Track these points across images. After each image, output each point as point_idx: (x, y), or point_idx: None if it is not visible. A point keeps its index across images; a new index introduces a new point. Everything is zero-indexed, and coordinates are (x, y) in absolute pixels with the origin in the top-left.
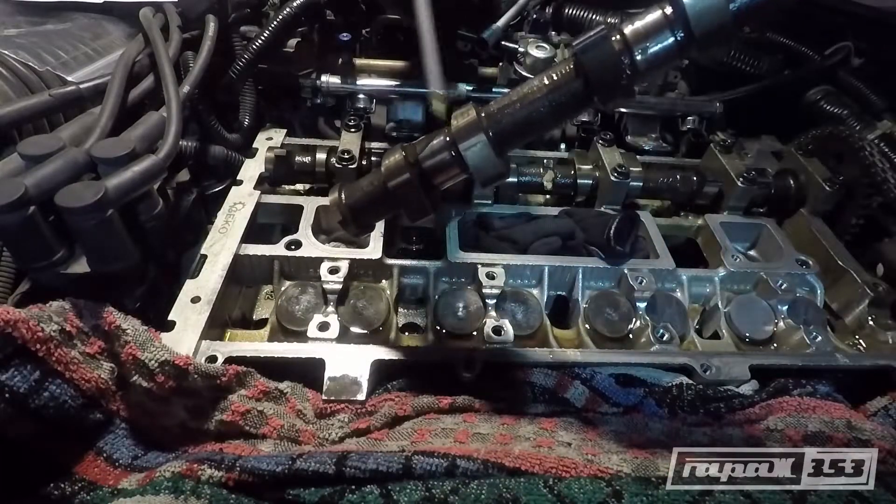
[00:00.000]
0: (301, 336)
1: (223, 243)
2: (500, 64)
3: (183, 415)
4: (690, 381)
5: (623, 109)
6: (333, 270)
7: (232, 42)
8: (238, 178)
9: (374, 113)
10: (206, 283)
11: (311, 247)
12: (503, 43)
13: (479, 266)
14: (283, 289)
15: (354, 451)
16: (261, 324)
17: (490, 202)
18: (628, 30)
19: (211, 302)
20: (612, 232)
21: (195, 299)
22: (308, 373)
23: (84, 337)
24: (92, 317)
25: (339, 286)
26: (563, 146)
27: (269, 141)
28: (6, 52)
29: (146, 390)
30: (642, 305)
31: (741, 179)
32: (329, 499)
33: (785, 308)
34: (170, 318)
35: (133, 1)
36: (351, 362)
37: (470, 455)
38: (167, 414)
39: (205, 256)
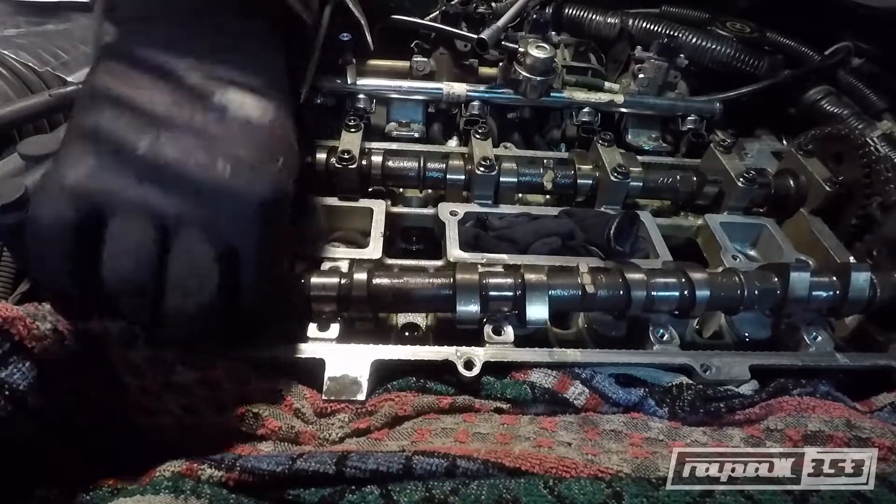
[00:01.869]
0: (301, 336)
1: None
2: (501, 64)
3: (179, 413)
4: (690, 381)
5: (623, 109)
6: (333, 270)
7: None
8: None
9: (374, 113)
10: None
11: None
12: (503, 43)
13: (479, 266)
14: None
15: (355, 451)
16: None
17: (490, 202)
18: None
19: None
20: (612, 232)
21: None
22: (308, 373)
23: (76, 340)
24: (81, 321)
25: None
26: (563, 146)
27: None
28: (6, 52)
29: (139, 388)
30: None
31: (741, 179)
32: (329, 499)
33: None
34: None
35: None
36: (351, 362)
37: (470, 455)
38: (163, 412)
39: None
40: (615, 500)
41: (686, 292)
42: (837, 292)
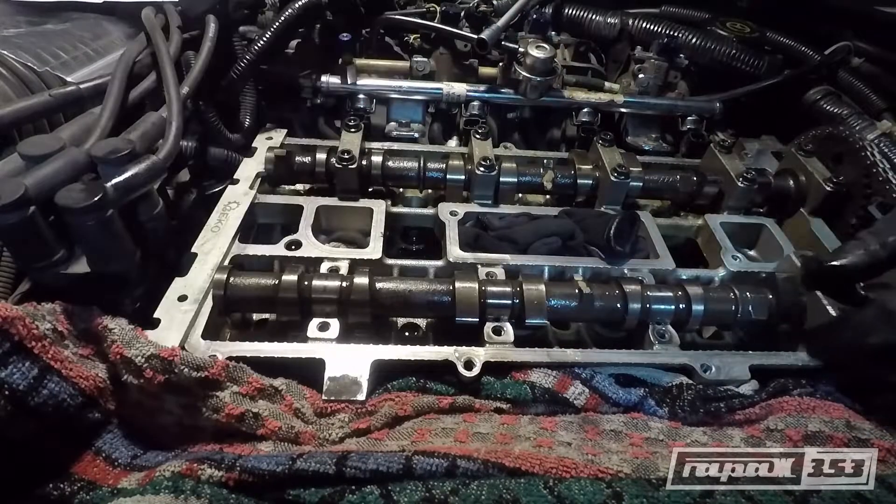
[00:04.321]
0: (301, 336)
1: (214, 242)
2: (501, 64)
3: (178, 412)
4: (690, 381)
5: (623, 109)
6: (333, 270)
7: (232, 42)
8: (235, 177)
9: (374, 113)
10: (195, 281)
11: (311, 247)
12: (503, 43)
13: (479, 266)
14: None
15: (355, 452)
16: (261, 324)
17: (490, 202)
18: None
19: (198, 301)
20: (612, 232)
21: (182, 298)
22: (308, 373)
23: (75, 339)
24: (81, 320)
25: None
26: (563, 146)
27: (269, 141)
28: (6, 52)
29: (138, 388)
30: None
31: (741, 179)
32: (329, 499)
33: None
34: (155, 315)
35: (134, 1)
36: (351, 362)
37: (470, 455)
38: (163, 412)
39: (195, 255)
40: (615, 500)
41: (682, 305)
42: None
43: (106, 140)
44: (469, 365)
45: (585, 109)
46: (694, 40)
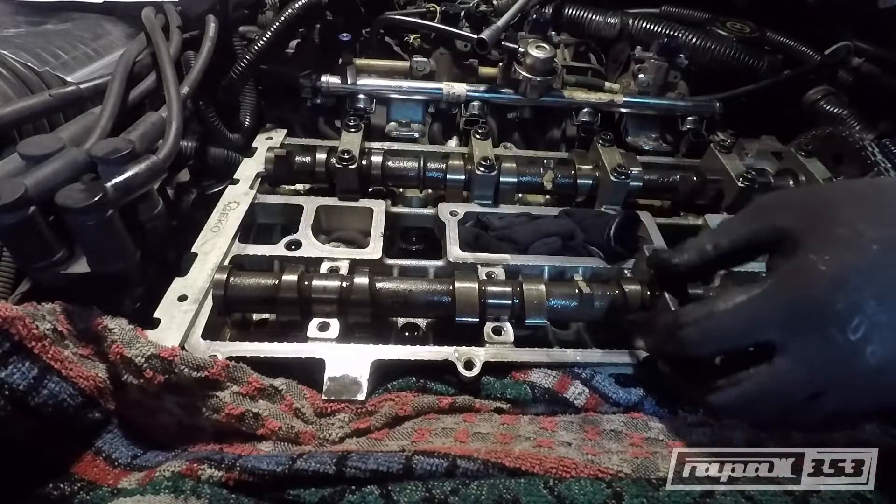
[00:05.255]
0: (301, 336)
1: (214, 242)
2: (501, 64)
3: (178, 412)
4: None
5: (623, 109)
6: (333, 270)
7: (232, 42)
8: (235, 176)
9: (374, 113)
10: (195, 281)
11: (311, 247)
12: (503, 43)
13: (479, 266)
14: None
15: (355, 451)
16: (261, 324)
17: (490, 202)
18: None
19: (198, 301)
20: (612, 232)
21: (182, 298)
22: (308, 373)
23: (75, 339)
24: (80, 320)
25: None
26: (563, 146)
27: (269, 141)
28: (6, 52)
29: (138, 388)
30: None
31: (741, 179)
32: (329, 499)
33: None
34: (155, 315)
35: (134, 1)
36: (351, 362)
37: (470, 455)
38: (163, 412)
39: (195, 255)
40: (615, 500)
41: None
42: None
43: (106, 140)
44: (469, 365)
45: (585, 109)
46: (694, 40)
